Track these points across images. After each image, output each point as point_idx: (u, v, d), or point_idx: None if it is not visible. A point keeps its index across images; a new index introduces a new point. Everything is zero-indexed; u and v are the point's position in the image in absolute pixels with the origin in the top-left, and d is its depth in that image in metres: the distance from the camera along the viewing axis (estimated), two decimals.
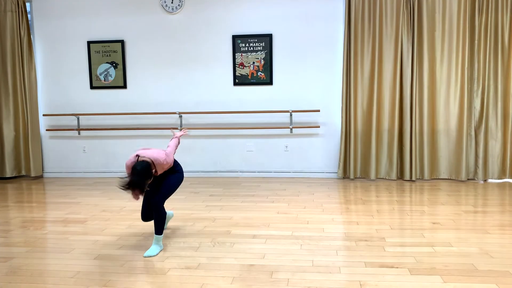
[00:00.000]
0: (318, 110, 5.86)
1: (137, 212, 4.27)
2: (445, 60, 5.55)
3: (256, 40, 5.92)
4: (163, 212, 3.15)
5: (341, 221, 3.84)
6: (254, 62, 5.96)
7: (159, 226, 3.13)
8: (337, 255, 2.99)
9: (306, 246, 3.18)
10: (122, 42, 6.16)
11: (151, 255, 3.04)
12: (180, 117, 6.15)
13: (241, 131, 6.14)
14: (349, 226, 3.68)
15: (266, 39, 5.91)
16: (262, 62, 5.95)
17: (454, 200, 4.58)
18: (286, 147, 6.07)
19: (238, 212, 4.20)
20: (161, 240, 3.17)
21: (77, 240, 3.43)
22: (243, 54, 5.96)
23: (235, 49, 5.97)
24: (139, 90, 6.23)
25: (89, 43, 6.21)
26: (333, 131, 5.98)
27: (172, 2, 6.01)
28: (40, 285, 2.60)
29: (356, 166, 5.80)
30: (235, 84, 6.04)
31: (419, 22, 5.54)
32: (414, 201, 4.56)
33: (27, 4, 6.28)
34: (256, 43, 5.92)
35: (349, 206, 4.38)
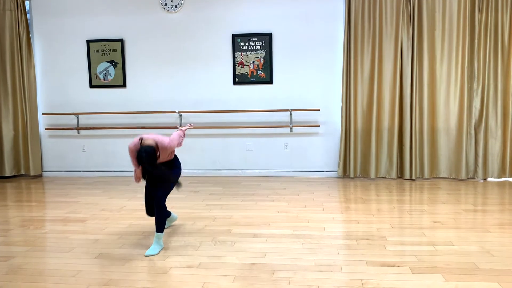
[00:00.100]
0: (318, 109, 5.86)
1: (138, 211, 4.27)
2: (445, 59, 5.55)
3: (256, 39, 5.91)
4: (165, 210, 3.16)
5: (342, 220, 3.84)
6: (254, 61, 5.95)
7: (160, 224, 3.13)
8: (338, 254, 2.99)
9: (307, 245, 3.18)
10: (122, 41, 6.14)
11: (152, 254, 3.04)
12: (180, 116, 6.13)
13: (241, 130, 6.13)
14: (350, 225, 3.68)
15: (266, 38, 5.90)
16: (262, 61, 5.94)
17: (454, 199, 4.58)
18: (286, 146, 6.07)
19: (238, 211, 4.20)
20: (162, 238, 3.17)
21: (77, 239, 3.42)
22: (243, 53, 5.95)
23: (235, 48, 5.96)
24: (139, 89, 6.22)
25: (89, 42, 6.19)
26: (333, 130, 5.97)
27: (172, 1, 6.00)
28: (41, 285, 2.59)
29: (356, 165, 5.80)
30: (235, 83, 6.03)
31: (419, 21, 5.54)
32: (414, 200, 4.57)
33: (26, 3, 6.26)
34: (256, 42, 5.92)
35: (350, 205, 4.38)
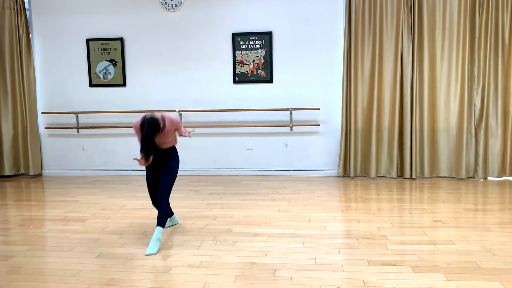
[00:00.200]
0: (318, 108, 5.85)
1: (138, 210, 4.26)
2: (446, 58, 5.55)
3: (256, 38, 5.90)
4: (167, 205, 3.23)
5: (342, 219, 3.84)
6: (254, 60, 5.94)
7: (162, 218, 3.20)
8: (340, 253, 2.99)
9: (308, 244, 3.17)
10: (122, 40, 6.13)
11: (153, 253, 3.04)
12: (180, 115, 6.12)
13: (241, 129, 6.12)
14: (351, 224, 3.68)
15: (266, 37, 5.89)
16: (262, 60, 5.93)
17: (455, 198, 4.58)
18: (286, 145, 6.06)
19: (239, 210, 4.19)
20: (161, 233, 3.20)
21: (78, 239, 3.41)
22: (243, 52, 5.94)
23: (235, 47, 5.95)
24: (139, 88, 6.20)
25: (88, 41, 6.18)
26: (333, 129, 5.97)
27: (172, 0, 5.98)
28: (41, 284, 2.58)
29: (356, 164, 5.80)
30: (235, 82, 6.02)
31: (420, 20, 5.54)
32: (415, 199, 4.56)
33: (26, 1, 6.24)
34: (256, 41, 5.91)
35: (350, 204, 4.37)
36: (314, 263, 2.81)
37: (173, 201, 4.62)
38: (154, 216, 4.04)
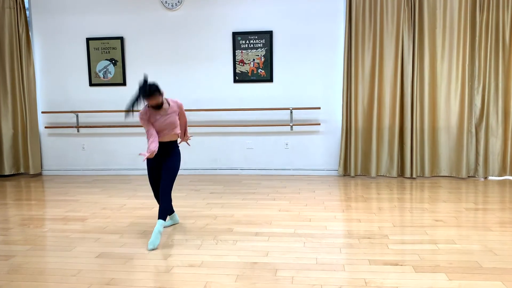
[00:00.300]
0: (319, 108, 5.84)
1: (138, 210, 4.25)
2: (446, 58, 5.54)
3: (257, 37, 5.89)
4: (169, 198, 3.31)
5: (343, 219, 3.83)
6: (255, 59, 5.93)
7: (164, 212, 3.26)
8: (341, 253, 2.98)
9: (309, 244, 3.17)
10: (122, 39, 6.11)
11: (155, 246, 3.11)
12: None
13: (241, 129, 6.11)
14: (352, 224, 3.67)
15: (267, 36, 5.88)
16: (263, 59, 5.92)
17: (455, 197, 4.58)
18: (287, 145, 6.06)
19: (240, 210, 4.18)
20: (162, 226, 3.25)
21: (78, 238, 3.41)
22: (243, 51, 5.93)
23: (235, 46, 5.94)
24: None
25: (88, 40, 6.17)
26: (334, 129, 5.96)
27: None
28: (42, 284, 2.58)
29: (357, 164, 5.79)
30: (235, 81, 6.01)
31: (420, 20, 5.53)
32: (415, 199, 4.56)
33: (26, 1, 6.23)
34: (257, 40, 5.90)
35: (351, 204, 4.37)
36: (316, 263, 2.81)
37: (174, 201, 4.61)
38: (155, 216, 4.03)
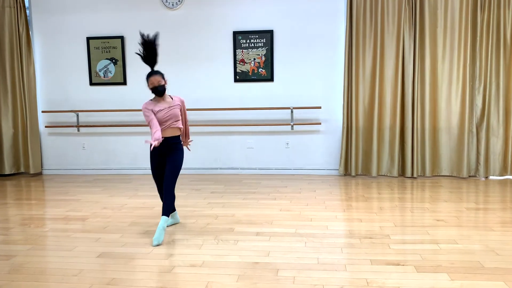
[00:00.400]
0: (320, 107, 5.84)
1: (139, 209, 4.24)
2: (447, 57, 5.53)
3: (257, 37, 5.88)
4: (173, 195, 3.37)
5: (344, 218, 3.83)
6: (255, 59, 5.92)
7: (167, 208, 3.31)
8: (342, 253, 2.97)
9: (311, 244, 3.16)
10: (122, 38, 6.10)
11: (159, 243, 3.17)
12: None
13: (242, 128, 6.11)
14: (353, 223, 3.67)
15: (267, 35, 5.87)
16: (263, 59, 5.91)
17: (456, 197, 4.57)
18: (287, 144, 6.05)
19: (240, 209, 4.18)
20: (166, 223, 3.29)
21: (79, 238, 3.40)
22: (244, 51, 5.92)
23: (236, 46, 5.93)
24: (139, 87, 6.18)
25: (89, 39, 6.15)
26: (335, 128, 5.96)
27: None
28: (43, 284, 2.57)
29: (358, 163, 5.78)
30: (236, 81, 6.00)
31: (421, 19, 5.52)
32: (416, 198, 4.55)
33: (26, 0, 6.22)
34: (257, 40, 5.89)
35: (352, 203, 4.36)
36: (317, 263, 2.80)
37: (175, 200, 4.60)
38: (156, 215, 4.03)
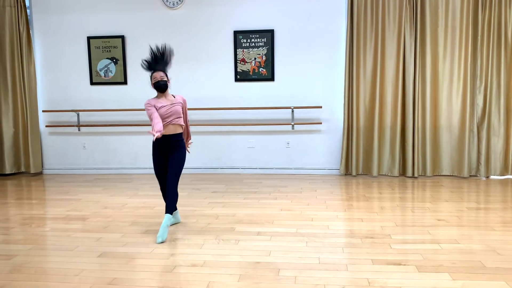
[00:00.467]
0: (320, 107, 5.83)
1: (140, 209, 4.24)
2: (448, 56, 5.53)
3: (258, 36, 5.88)
4: (176, 193, 3.39)
5: (346, 218, 3.82)
6: (256, 58, 5.92)
7: (170, 206, 3.33)
8: (343, 252, 2.97)
9: (312, 243, 3.16)
10: (123, 38, 6.10)
11: (164, 240, 3.23)
12: None
13: (243, 128, 6.10)
14: (354, 223, 3.66)
15: (268, 35, 5.86)
16: (264, 58, 5.90)
17: (457, 197, 4.57)
18: (288, 144, 6.05)
19: (241, 209, 4.17)
20: (170, 220, 3.33)
21: (80, 238, 3.40)
22: (245, 50, 5.92)
23: (237, 45, 5.92)
24: (140, 86, 6.18)
25: (89, 39, 6.15)
26: (335, 128, 5.95)
27: None
28: (44, 283, 2.57)
29: (358, 163, 5.78)
30: (236, 80, 6.00)
31: (422, 18, 5.51)
32: (417, 198, 4.55)
33: None
34: (258, 39, 5.88)
35: (353, 203, 4.36)
36: (318, 263, 2.80)
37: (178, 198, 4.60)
38: (156, 215, 4.02)
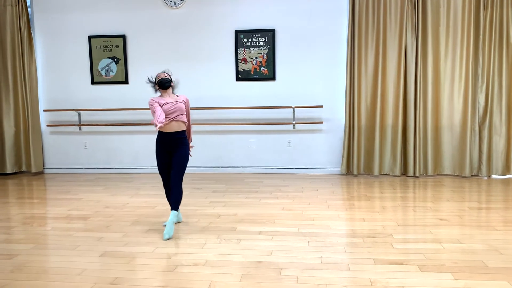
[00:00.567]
0: (322, 106, 5.83)
1: (141, 208, 4.24)
2: (450, 56, 5.52)
3: (259, 35, 5.87)
4: (180, 190, 3.45)
5: (347, 218, 3.82)
6: (257, 58, 5.91)
7: (175, 203, 3.40)
8: (345, 252, 2.97)
9: (314, 243, 3.16)
10: (124, 37, 6.09)
11: (170, 236, 3.29)
12: None
13: (244, 127, 6.10)
14: (355, 223, 3.66)
15: (269, 34, 5.86)
16: (265, 57, 5.90)
17: (459, 196, 4.56)
18: (289, 143, 6.04)
19: (243, 209, 4.17)
20: (176, 217, 3.38)
21: (81, 237, 3.40)
22: (246, 49, 5.91)
23: (238, 44, 5.91)
24: (141, 86, 6.17)
25: (90, 38, 6.15)
26: (337, 127, 5.94)
27: None
28: (46, 283, 2.57)
29: (360, 162, 5.77)
30: (238, 80, 5.99)
31: (424, 17, 5.50)
32: (419, 197, 4.54)
33: None
34: (259, 38, 5.87)
35: (354, 203, 4.35)
36: (320, 262, 2.80)
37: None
38: (158, 214, 4.02)
